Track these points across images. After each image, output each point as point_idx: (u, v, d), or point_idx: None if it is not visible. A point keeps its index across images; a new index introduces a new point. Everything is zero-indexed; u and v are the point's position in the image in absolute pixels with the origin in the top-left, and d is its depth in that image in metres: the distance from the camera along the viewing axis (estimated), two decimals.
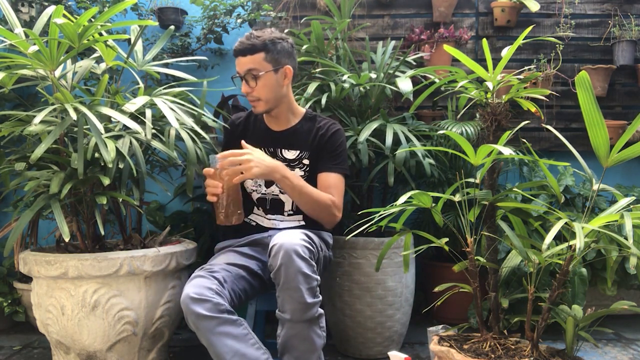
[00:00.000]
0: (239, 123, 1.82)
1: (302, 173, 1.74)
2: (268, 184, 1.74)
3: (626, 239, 1.09)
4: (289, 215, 1.75)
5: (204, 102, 1.85)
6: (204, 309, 1.34)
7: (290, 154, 1.74)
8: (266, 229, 1.74)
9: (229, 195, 1.52)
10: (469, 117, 2.38)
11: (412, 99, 2.04)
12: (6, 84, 1.55)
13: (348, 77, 2.02)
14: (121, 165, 1.57)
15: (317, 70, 2.16)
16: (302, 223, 1.75)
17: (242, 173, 1.49)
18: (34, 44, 1.41)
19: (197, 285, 1.38)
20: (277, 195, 1.74)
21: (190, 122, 1.63)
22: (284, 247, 1.39)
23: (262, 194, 1.75)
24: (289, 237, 1.43)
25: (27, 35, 1.49)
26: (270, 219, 1.75)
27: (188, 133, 1.71)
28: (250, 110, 1.84)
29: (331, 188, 1.67)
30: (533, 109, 1.46)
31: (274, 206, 1.75)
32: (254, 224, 1.77)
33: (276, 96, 1.67)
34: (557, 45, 2.63)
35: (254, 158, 1.50)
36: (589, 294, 2.28)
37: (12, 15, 1.59)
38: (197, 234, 2.45)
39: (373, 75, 2.04)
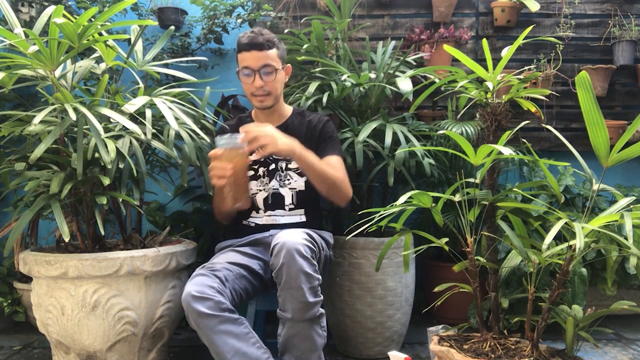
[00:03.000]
0: (230, 128, 1.81)
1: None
2: (270, 179, 1.76)
3: (626, 239, 1.08)
4: (290, 210, 1.76)
5: (205, 104, 1.86)
6: (206, 307, 1.34)
7: None
8: (267, 227, 1.74)
9: (238, 177, 1.48)
10: (469, 117, 2.38)
11: (412, 99, 2.04)
12: (6, 84, 1.55)
13: (348, 77, 2.02)
14: (121, 165, 1.57)
15: (317, 70, 2.17)
16: (304, 218, 1.76)
17: (257, 150, 1.46)
18: (34, 44, 1.41)
19: (199, 284, 1.39)
20: (277, 189, 1.75)
21: (189, 122, 1.63)
22: (286, 246, 1.39)
23: (266, 191, 1.76)
24: (291, 236, 1.43)
25: (27, 35, 1.49)
26: (270, 215, 1.75)
27: (188, 132, 1.71)
28: (239, 116, 1.88)
29: (336, 167, 1.71)
30: (533, 109, 1.46)
31: (275, 201, 1.76)
32: (253, 225, 1.77)
33: (280, 92, 1.76)
34: (557, 45, 2.63)
35: (274, 132, 1.51)
36: (589, 294, 2.28)
37: (12, 15, 1.59)
38: (197, 234, 2.46)
39: (373, 75, 2.04)
